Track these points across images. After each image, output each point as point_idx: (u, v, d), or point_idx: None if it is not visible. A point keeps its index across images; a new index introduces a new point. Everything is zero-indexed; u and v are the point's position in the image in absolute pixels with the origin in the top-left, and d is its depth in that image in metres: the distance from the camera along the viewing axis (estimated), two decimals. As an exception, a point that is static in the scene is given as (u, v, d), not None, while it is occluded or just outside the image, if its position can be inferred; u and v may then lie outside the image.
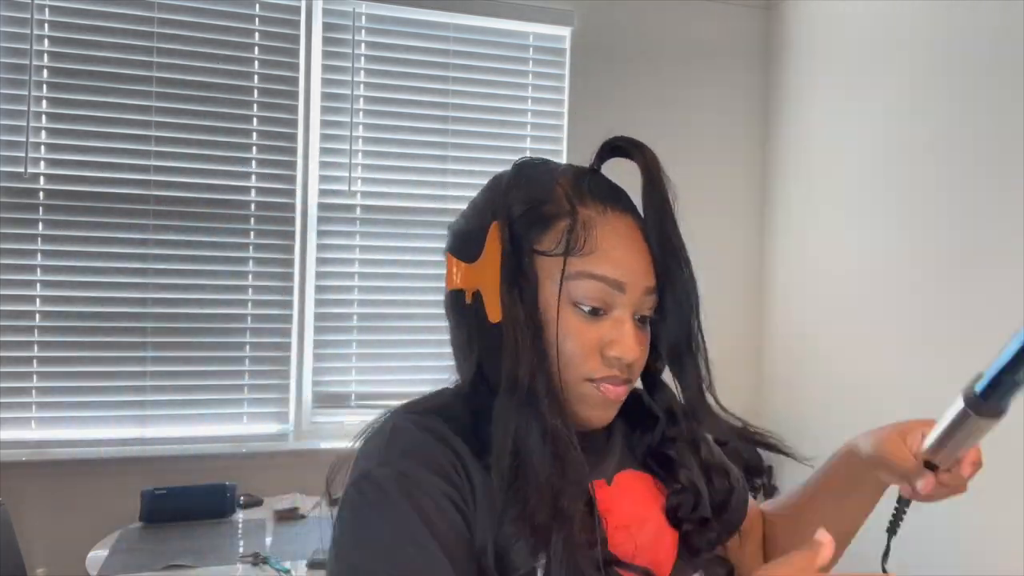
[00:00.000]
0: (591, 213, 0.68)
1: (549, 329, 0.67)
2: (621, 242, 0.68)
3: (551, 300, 0.67)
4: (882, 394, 2.53)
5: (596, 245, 0.67)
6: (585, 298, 0.67)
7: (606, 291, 0.67)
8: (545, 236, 0.68)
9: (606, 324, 0.68)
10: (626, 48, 3.07)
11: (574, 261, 0.67)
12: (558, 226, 0.68)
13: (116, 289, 2.60)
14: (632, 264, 0.68)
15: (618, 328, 0.68)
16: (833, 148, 2.84)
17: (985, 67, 2.17)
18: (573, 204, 0.68)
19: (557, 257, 0.67)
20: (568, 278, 0.67)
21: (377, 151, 2.87)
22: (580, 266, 0.67)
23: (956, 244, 2.25)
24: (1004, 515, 2.04)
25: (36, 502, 2.47)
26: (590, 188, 0.70)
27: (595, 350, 0.68)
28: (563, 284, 0.67)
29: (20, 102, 2.50)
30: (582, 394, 0.69)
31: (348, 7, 2.81)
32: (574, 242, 0.67)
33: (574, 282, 0.67)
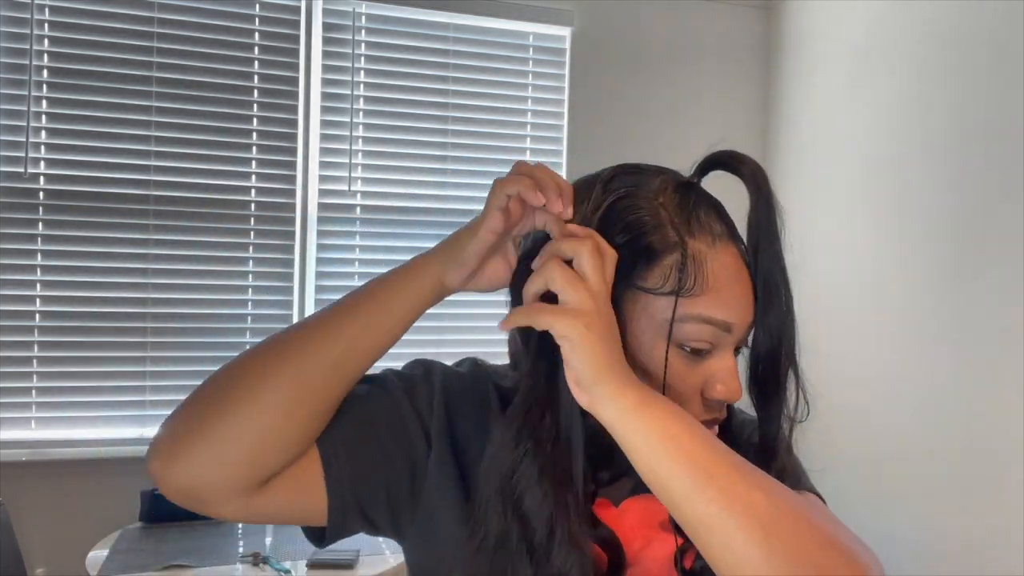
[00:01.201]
0: (701, 247, 0.62)
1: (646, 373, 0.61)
2: (731, 279, 0.62)
3: (650, 341, 0.61)
4: (882, 393, 2.53)
5: (707, 285, 0.61)
6: (690, 340, 0.61)
7: (715, 333, 0.62)
8: (651, 271, 0.61)
9: (710, 363, 0.63)
10: (626, 48, 3.07)
11: (682, 302, 0.60)
12: (666, 261, 0.61)
13: (116, 289, 2.60)
14: (740, 303, 0.63)
15: (723, 368, 0.63)
16: (833, 148, 2.84)
17: (985, 67, 2.17)
18: (682, 236, 0.62)
19: (663, 296, 0.61)
20: (676, 320, 0.61)
21: (377, 151, 2.87)
22: (690, 307, 0.61)
23: (956, 244, 2.25)
24: (1004, 515, 2.04)
25: (36, 502, 2.47)
26: (696, 212, 0.63)
27: (697, 392, 0.63)
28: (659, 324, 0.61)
29: (20, 102, 2.50)
30: None
31: (348, 7, 2.81)
32: (685, 281, 0.60)
33: (681, 324, 0.61)
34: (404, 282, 0.63)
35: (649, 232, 0.62)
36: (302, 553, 1.95)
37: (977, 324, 2.16)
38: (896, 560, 2.41)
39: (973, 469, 2.16)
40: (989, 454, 2.11)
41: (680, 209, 0.63)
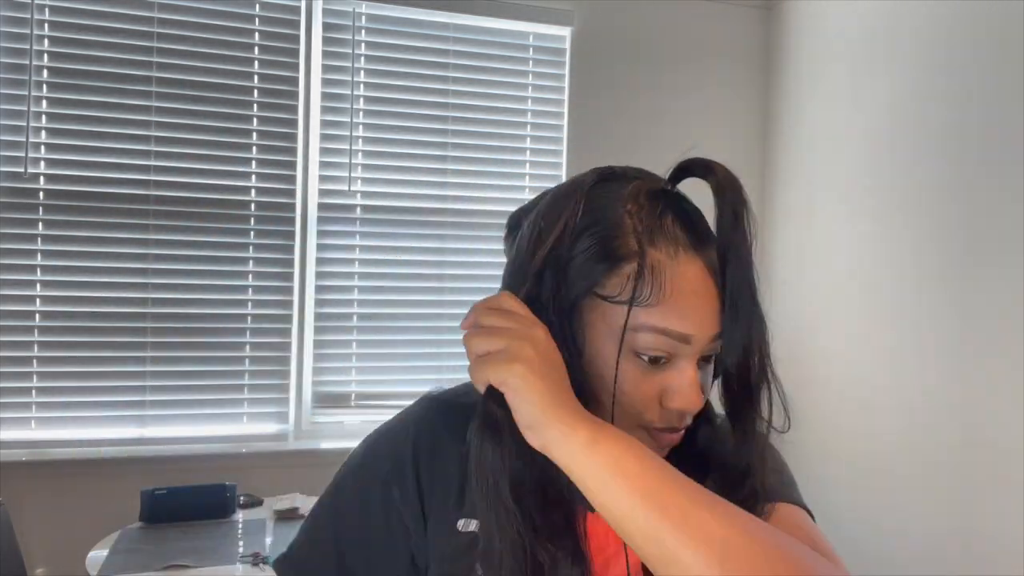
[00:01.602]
0: (661, 257, 0.61)
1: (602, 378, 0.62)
2: (691, 290, 0.61)
3: (607, 348, 0.62)
4: (882, 392, 2.53)
5: (664, 296, 0.60)
6: (646, 349, 0.61)
7: (671, 344, 0.61)
8: (609, 279, 0.61)
9: (667, 373, 0.62)
10: (626, 48, 3.07)
11: (638, 312, 0.60)
12: (623, 270, 0.61)
13: (116, 289, 2.60)
14: (700, 314, 0.61)
15: (681, 378, 0.62)
16: (833, 148, 2.84)
17: (985, 67, 2.17)
18: (642, 245, 0.61)
19: (619, 305, 0.61)
20: (630, 329, 0.60)
21: (377, 151, 2.87)
22: (644, 318, 0.60)
23: (955, 243, 2.25)
24: (1004, 515, 2.04)
25: (36, 502, 2.47)
26: (662, 220, 0.62)
27: (654, 400, 0.63)
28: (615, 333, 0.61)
29: (20, 102, 2.50)
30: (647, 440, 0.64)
31: (348, 7, 2.81)
32: (640, 291, 0.60)
33: (636, 333, 0.61)
34: None
35: (611, 239, 0.62)
36: (302, 553, 1.95)
37: (977, 324, 2.16)
38: (896, 560, 2.41)
39: (972, 469, 2.16)
40: (989, 454, 2.11)
41: (646, 217, 0.62)
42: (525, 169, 3.01)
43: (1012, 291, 2.04)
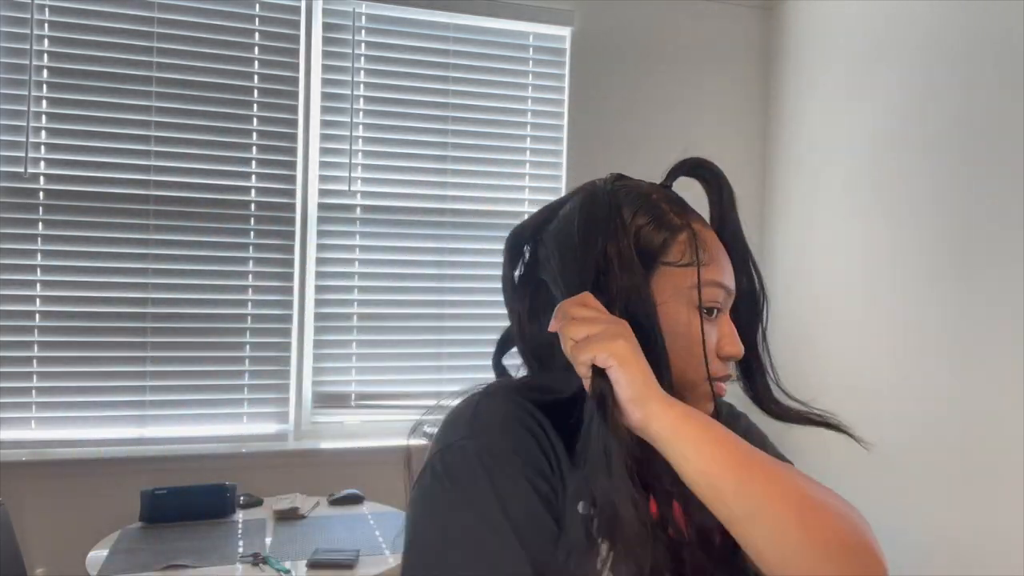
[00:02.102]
0: (698, 226, 0.73)
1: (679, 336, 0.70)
2: (721, 251, 0.73)
3: (681, 310, 0.71)
4: (882, 392, 2.53)
5: (711, 256, 0.72)
6: (711, 302, 0.71)
7: (723, 295, 0.72)
8: (671, 249, 0.71)
9: (719, 326, 0.73)
10: (626, 48, 3.07)
11: (701, 270, 0.71)
12: (679, 238, 0.72)
13: (116, 289, 2.60)
14: (729, 269, 0.74)
15: (728, 327, 0.73)
16: (833, 148, 2.84)
17: (985, 66, 2.17)
18: (684, 218, 0.73)
19: (684, 268, 0.71)
20: (693, 287, 0.70)
21: (377, 151, 2.87)
22: (706, 274, 0.71)
23: (956, 243, 2.25)
24: (1004, 515, 2.04)
25: (36, 502, 2.47)
26: (681, 204, 0.75)
27: (715, 351, 0.72)
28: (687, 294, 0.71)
29: (20, 102, 2.50)
30: (704, 393, 0.72)
31: (348, 7, 2.82)
32: (700, 253, 0.71)
33: (702, 289, 0.71)
34: None
35: (661, 218, 0.73)
36: (302, 553, 1.95)
37: (978, 323, 2.16)
38: (895, 560, 2.41)
39: (973, 469, 2.16)
40: (989, 454, 2.11)
41: (671, 202, 0.75)
42: (525, 169, 3.01)
43: (1012, 290, 2.04)
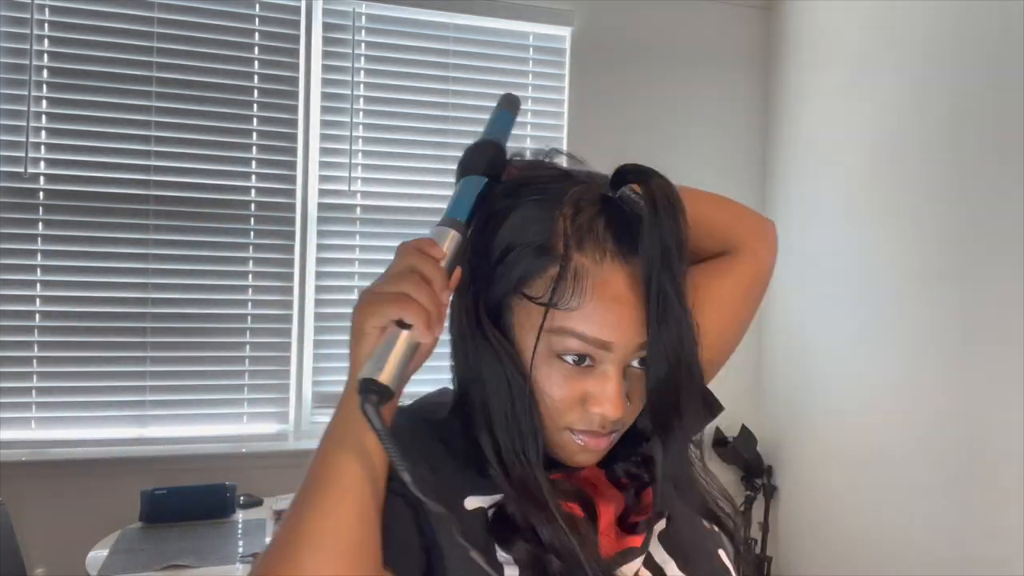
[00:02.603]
0: (586, 261, 0.62)
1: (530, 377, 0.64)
2: (615, 296, 0.62)
3: (529, 347, 0.63)
4: (882, 393, 2.53)
5: (584, 301, 0.61)
6: (566, 352, 0.62)
7: (590, 349, 0.62)
8: (534, 280, 0.63)
9: (591, 379, 0.63)
10: (626, 48, 3.07)
11: (558, 315, 0.61)
12: (549, 272, 0.62)
13: (116, 289, 2.60)
14: (623, 322, 0.62)
15: (602, 384, 0.63)
16: (833, 148, 2.84)
17: (984, 67, 2.17)
18: (568, 248, 0.62)
19: (539, 307, 0.62)
20: (550, 331, 0.62)
21: (377, 151, 2.87)
22: (563, 321, 0.62)
23: (956, 243, 2.25)
24: (1004, 516, 2.04)
25: (36, 502, 2.47)
26: (593, 226, 0.63)
27: (576, 402, 0.64)
28: (544, 336, 0.62)
29: (20, 102, 2.50)
30: (562, 441, 0.66)
31: (348, 7, 2.81)
32: (561, 294, 0.61)
33: (556, 336, 0.62)
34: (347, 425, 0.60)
35: (540, 241, 0.63)
36: (302, 553, 1.95)
37: (978, 325, 2.16)
38: (895, 560, 2.41)
39: (973, 470, 2.16)
40: (989, 455, 2.11)
41: (579, 221, 0.63)
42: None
43: (1013, 291, 2.04)
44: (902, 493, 2.42)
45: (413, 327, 0.58)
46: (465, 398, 0.68)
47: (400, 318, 0.58)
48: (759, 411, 3.10)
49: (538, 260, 0.63)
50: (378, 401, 0.55)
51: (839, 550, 2.68)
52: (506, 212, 0.66)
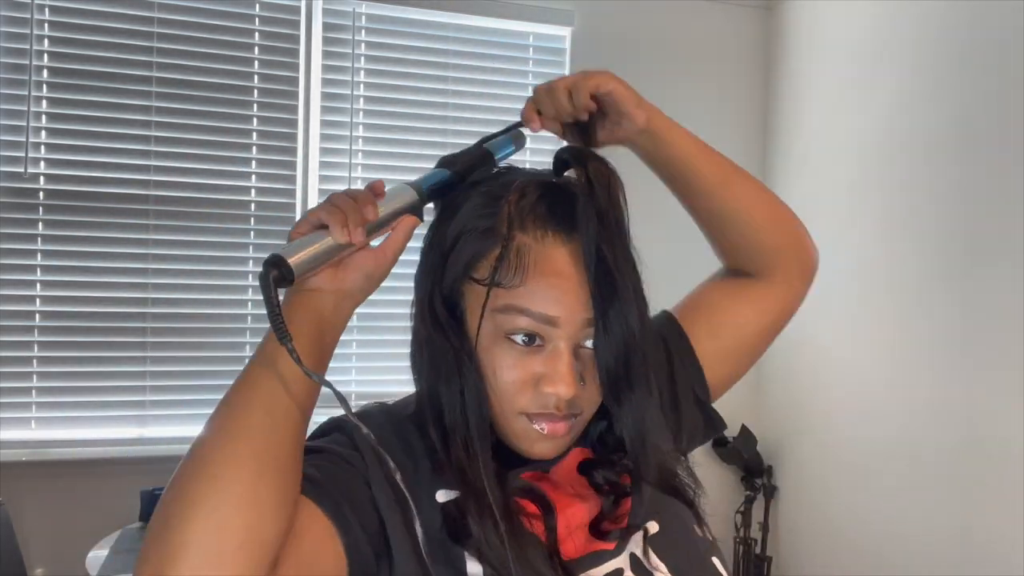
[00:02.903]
0: (527, 240, 0.64)
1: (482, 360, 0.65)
2: (557, 272, 0.63)
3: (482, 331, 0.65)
4: (882, 393, 2.53)
5: (527, 277, 0.63)
6: (515, 331, 0.63)
7: (537, 326, 0.63)
8: (480, 263, 0.65)
9: (542, 357, 0.64)
10: (626, 48, 3.07)
11: (501, 293, 0.63)
12: (493, 252, 0.64)
13: (116, 289, 2.60)
14: (567, 296, 0.63)
15: (554, 362, 0.64)
16: (833, 148, 2.84)
17: (985, 67, 2.17)
18: (511, 229, 0.64)
19: (484, 287, 0.64)
20: (496, 311, 0.63)
21: (377, 151, 2.87)
22: (507, 299, 0.63)
23: (956, 244, 2.25)
24: (1005, 516, 2.04)
25: (36, 502, 2.47)
26: (536, 208, 0.65)
27: (529, 384, 0.64)
28: (488, 316, 0.64)
29: (20, 102, 2.50)
30: (518, 429, 0.66)
31: (348, 7, 2.81)
32: (504, 272, 0.63)
33: (503, 315, 0.63)
34: None
35: (485, 226, 0.66)
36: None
37: (978, 325, 2.16)
38: (895, 560, 2.41)
39: (973, 470, 2.16)
40: (989, 455, 2.11)
41: (523, 205, 0.66)
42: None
43: (1012, 292, 2.04)
44: (902, 493, 2.42)
45: (330, 227, 0.60)
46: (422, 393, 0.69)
47: (318, 220, 0.61)
48: (759, 411, 3.10)
49: (483, 243, 0.65)
50: (278, 278, 0.58)
51: (839, 550, 2.68)
52: (459, 204, 0.69)
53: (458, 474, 0.64)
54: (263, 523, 0.54)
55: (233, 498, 0.54)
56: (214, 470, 0.55)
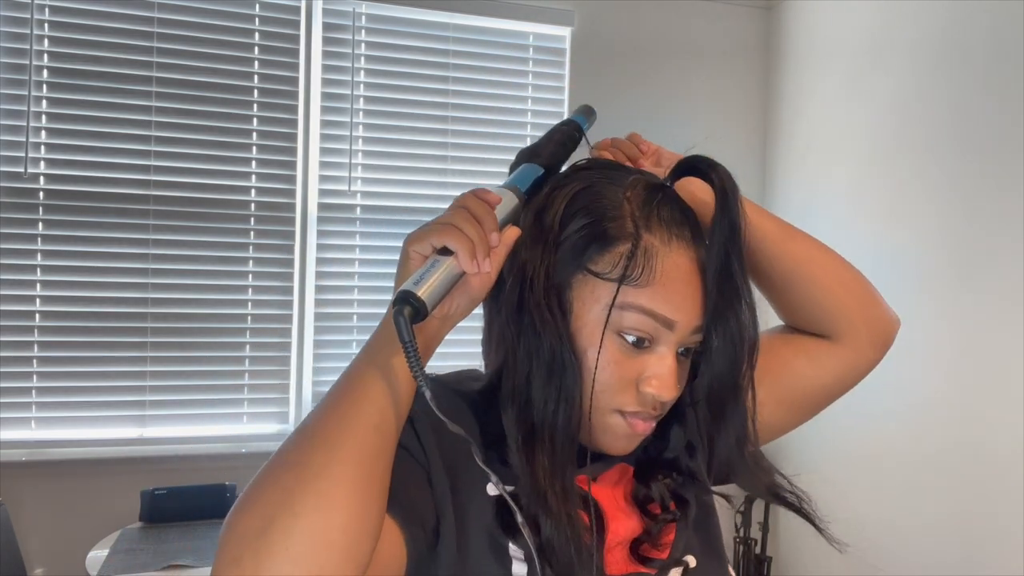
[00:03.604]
0: (655, 241, 0.64)
1: (586, 354, 0.64)
2: (680, 277, 0.64)
3: (594, 325, 0.64)
4: (881, 393, 2.53)
5: (654, 278, 0.63)
6: (632, 329, 0.63)
7: (655, 326, 0.63)
8: (602, 256, 0.64)
9: (648, 358, 0.64)
10: (626, 48, 3.07)
11: (627, 290, 0.63)
12: (618, 249, 0.64)
13: (116, 289, 2.60)
14: (687, 302, 0.64)
15: (660, 364, 0.64)
16: (833, 148, 2.84)
17: (985, 67, 2.17)
18: (638, 227, 0.64)
19: (610, 282, 0.63)
20: (617, 307, 0.63)
21: (377, 151, 2.87)
22: (633, 297, 0.63)
23: (956, 244, 2.25)
24: (1005, 516, 2.04)
25: (36, 502, 2.47)
26: (659, 210, 0.65)
27: (632, 383, 0.65)
28: (603, 311, 0.63)
29: (20, 102, 2.50)
30: (609, 424, 0.66)
31: (348, 7, 2.81)
32: (632, 270, 0.63)
33: (623, 312, 0.63)
34: None
35: (607, 219, 0.64)
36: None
37: (978, 325, 2.16)
38: (895, 560, 2.41)
39: (973, 470, 2.16)
40: (989, 455, 2.11)
41: (644, 205, 0.65)
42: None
43: (1012, 291, 2.04)
44: (903, 493, 2.42)
45: (456, 254, 0.59)
46: (501, 377, 0.67)
47: (443, 244, 0.59)
48: (759, 411, 3.09)
49: (606, 237, 0.64)
50: (412, 314, 0.56)
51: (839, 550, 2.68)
52: (570, 189, 0.67)
53: (530, 472, 0.62)
54: (361, 541, 0.54)
55: (339, 520, 0.53)
56: (322, 487, 0.54)
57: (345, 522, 0.53)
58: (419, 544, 0.61)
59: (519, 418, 0.64)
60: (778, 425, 0.81)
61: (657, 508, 0.71)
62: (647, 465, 0.73)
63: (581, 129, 0.75)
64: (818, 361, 0.81)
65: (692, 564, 0.69)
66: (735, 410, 0.68)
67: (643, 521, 0.70)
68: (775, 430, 0.81)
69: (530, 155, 0.71)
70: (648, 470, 0.72)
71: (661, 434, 0.72)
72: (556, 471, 0.62)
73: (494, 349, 0.70)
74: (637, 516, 0.70)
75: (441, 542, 0.63)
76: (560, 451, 0.63)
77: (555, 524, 0.61)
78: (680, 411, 0.71)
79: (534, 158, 0.71)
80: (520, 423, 0.64)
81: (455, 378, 0.74)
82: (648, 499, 0.71)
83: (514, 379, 0.65)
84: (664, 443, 0.73)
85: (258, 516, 0.53)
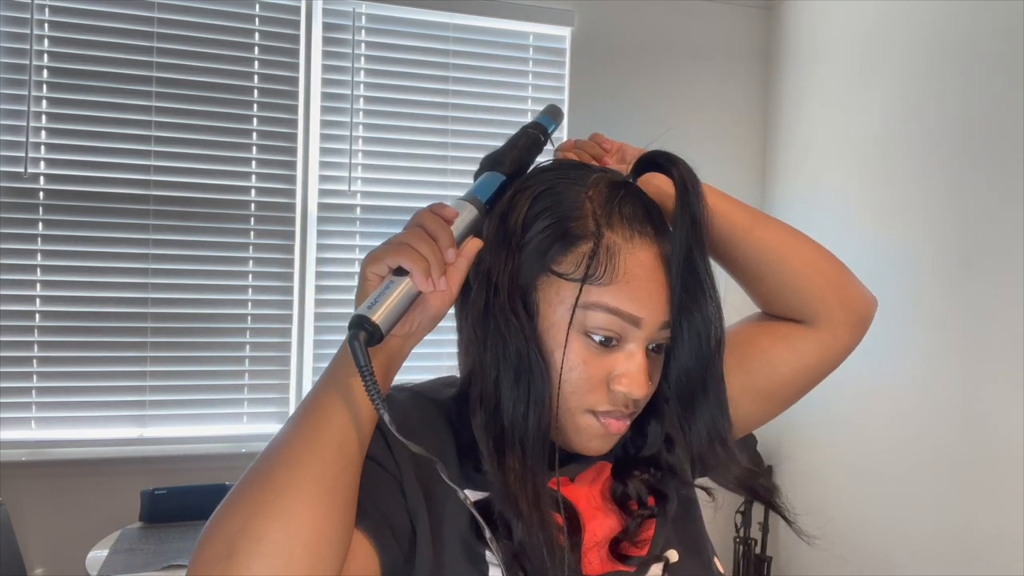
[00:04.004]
0: (617, 238, 0.64)
1: (554, 356, 0.64)
2: (645, 274, 0.64)
3: (560, 326, 0.63)
4: (881, 393, 2.53)
5: (617, 276, 0.63)
6: (598, 329, 0.63)
7: (621, 324, 0.63)
8: (565, 257, 0.64)
9: (617, 356, 0.64)
10: (626, 48, 3.07)
11: (591, 290, 0.63)
12: (580, 248, 0.63)
13: (116, 289, 2.60)
14: (652, 299, 0.64)
15: (629, 362, 0.64)
16: (833, 148, 2.84)
17: (985, 67, 2.17)
18: (600, 226, 0.64)
19: (573, 282, 0.63)
20: (582, 307, 0.63)
21: (377, 151, 2.87)
22: (597, 296, 0.63)
23: (956, 244, 2.25)
24: (1005, 516, 2.04)
25: (36, 502, 2.47)
26: (620, 207, 0.65)
27: (602, 382, 0.64)
28: (576, 312, 0.63)
29: (20, 102, 2.50)
30: (582, 425, 0.66)
31: (348, 7, 2.81)
32: (595, 269, 0.63)
33: (588, 311, 0.63)
34: None
35: (570, 219, 0.64)
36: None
37: (978, 324, 2.16)
38: (895, 560, 2.41)
39: (972, 470, 2.16)
40: (988, 455, 2.11)
41: (605, 203, 0.65)
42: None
43: (1011, 291, 2.04)
44: (902, 493, 2.42)
45: (411, 274, 0.58)
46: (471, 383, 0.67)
47: (398, 264, 0.59)
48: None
49: (569, 237, 0.64)
50: (366, 339, 0.56)
51: (839, 550, 2.68)
52: (533, 191, 0.67)
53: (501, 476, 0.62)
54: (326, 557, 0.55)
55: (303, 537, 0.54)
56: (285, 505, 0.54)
57: (308, 539, 0.53)
58: (392, 555, 0.61)
59: (488, 423, 0.64)
60: (755, 416, 0.82)
61: (635, 505, 0.70)
62: (625, 462, 0.73)
63: (546, 132, 0.75)
64: (795, 346, 0.82)
65: (674, 559, 0.69)
66: (704, 404, 0.68)
67: (622, 519, 0.70)
68: (752, 421, 0.82)
69: (493, 163, 0.71)
70: (626, 467, 0.72)
71: (640, 431, 0.72)
72: (527, 474, 0.62)
73: (464, 354, 0.70)
74: (616, 514, 0.70)
75: (417, 551, 0.63)
76: (531, 454, 0.63)
77: (527, 528, 0.60)
78: (657, 407, 0.71)
79: (496, 166, 0.70)
80: (489, 428, 0.64)
81: (431, 386, 0.74)
82: (626, 496, 0.70)
83: (482, 384, 0.65)
84: (643, 440, 0.72)
85: (222, 540, 0.53)
